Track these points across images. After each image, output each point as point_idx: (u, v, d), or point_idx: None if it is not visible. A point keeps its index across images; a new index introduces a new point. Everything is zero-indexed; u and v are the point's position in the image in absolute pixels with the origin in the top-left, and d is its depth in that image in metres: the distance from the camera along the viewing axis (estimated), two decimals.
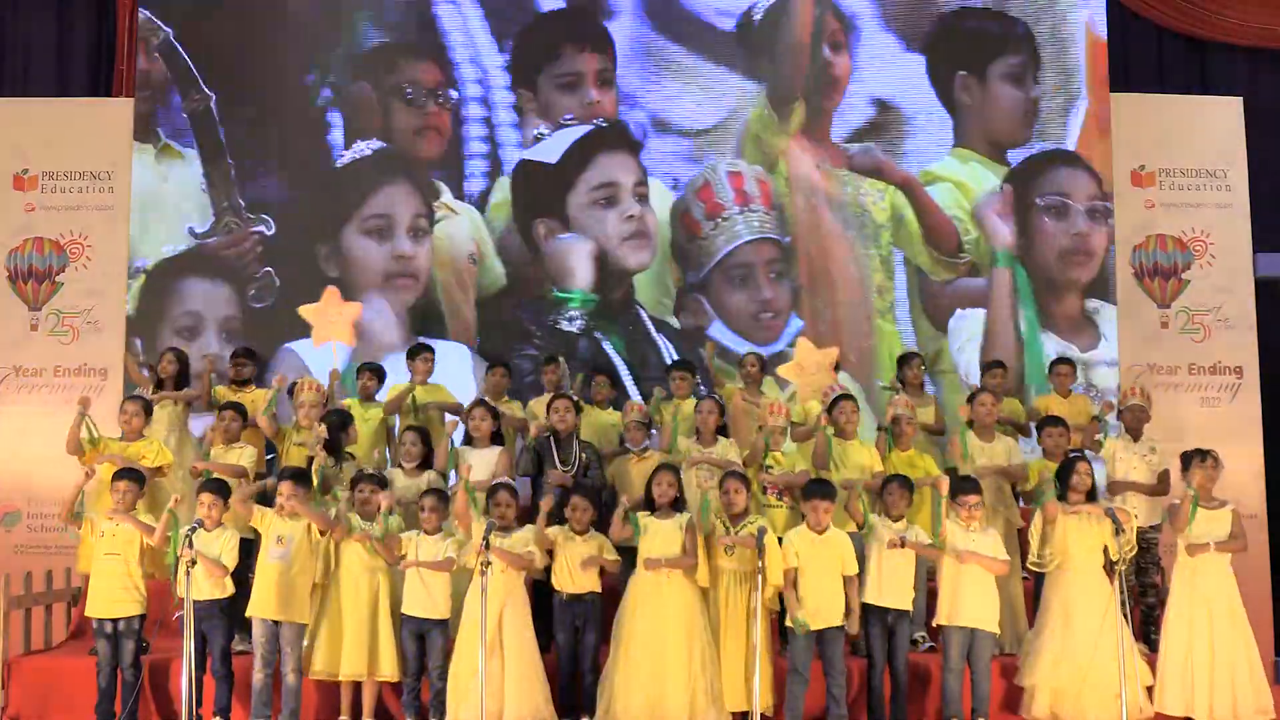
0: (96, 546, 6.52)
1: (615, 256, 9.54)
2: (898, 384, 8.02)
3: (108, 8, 9.94)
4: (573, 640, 6.47)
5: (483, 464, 7.01)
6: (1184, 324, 9.54)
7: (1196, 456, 6.68)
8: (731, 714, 6.33)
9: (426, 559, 6.39)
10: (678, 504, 6.53)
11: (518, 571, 6.39)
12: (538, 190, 9.58)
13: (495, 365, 8.21)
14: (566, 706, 6.44)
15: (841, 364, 7.97)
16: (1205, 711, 6.40)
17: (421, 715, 6.43)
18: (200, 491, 6.49)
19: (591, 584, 6.49)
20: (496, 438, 7.24)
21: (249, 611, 6.38)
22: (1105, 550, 6.48)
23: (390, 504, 6.49)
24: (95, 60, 9.99)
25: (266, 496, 6.74)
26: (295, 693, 6.33)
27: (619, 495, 6.88)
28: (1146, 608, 7.30)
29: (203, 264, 9.46)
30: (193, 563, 6.07)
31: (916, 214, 9.70)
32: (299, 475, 6.54)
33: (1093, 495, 6.68)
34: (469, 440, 7.20)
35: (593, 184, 9.58)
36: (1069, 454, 6.94)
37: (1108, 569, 6.47)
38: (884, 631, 6.45)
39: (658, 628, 6.31)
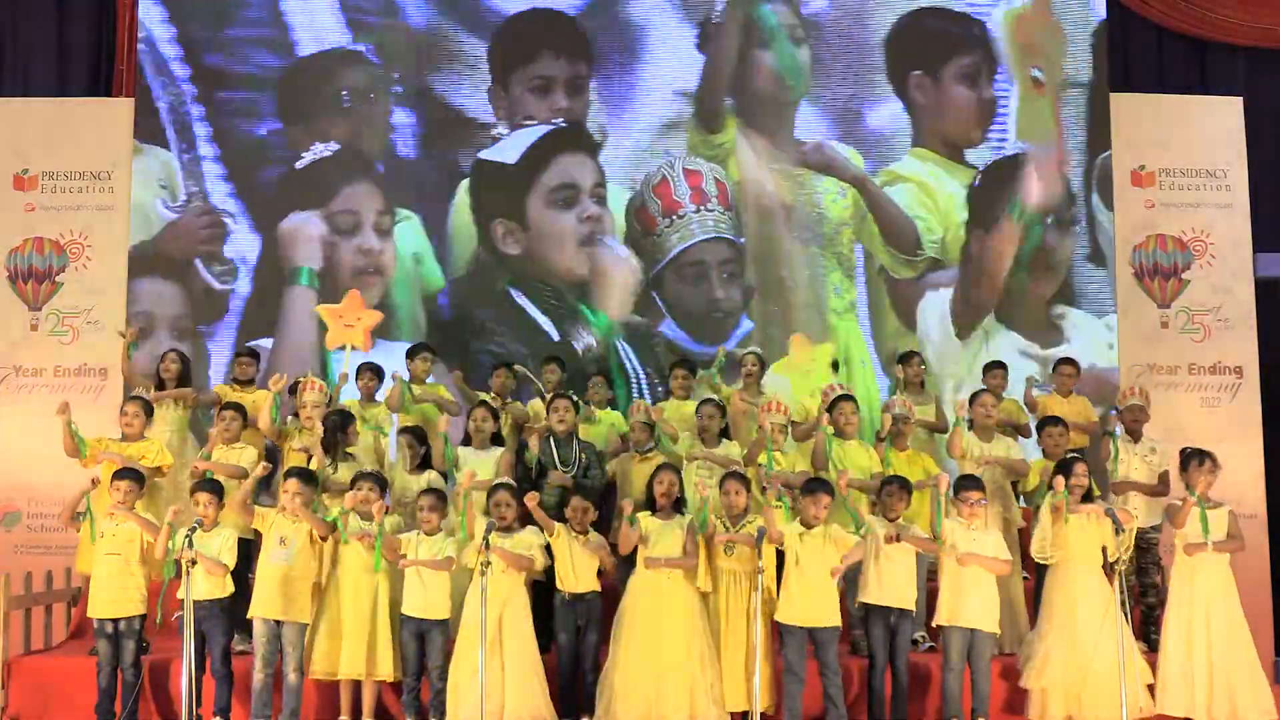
0: (97, 546, 6.52)
1: (573, 258, 9.53)
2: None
3: (108, 8, 9.94)
4: (574, 640, 6.48)
5: (483, 465, 7.02)
6: (1184, 324, 9.55)
7: (1195, 458, 6.68)
8: (731, 714, 6.33)
9: (426, 559, 6.39)
10: (679, 505, 6.54)
11: (518, 572, 6.40)
12: (496, 190, 9.58)
13: (499, 366, 8.22)
14: (567, 706, 6.45)
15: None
16: (1204, 712, 6.40)
17: (421, 715, 6.43)
18: (196, 491, 6.49)
19: (592, 584, 6.50)
20: (497, 438, 7.25)
21: (251, 611, 6.38)
22: (1105, 550, 6.49)
23: (384, 508, 6.50)
24: (95, 60, 9.98)
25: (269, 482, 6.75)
26: (296, 692, 6.33)
27: (621, 495, 6.89)
28: (1146, 607, 7.30)
29: (155, 263, 9.44)
30: (192, 563, 6.09)
31: (872, 211, 9.69)
32: (305, 474, 6.54)
33: (1090, 495, 6.68)
34: (468, 440, 7.20)
35: (551, 185, 9.58)
36: (1069, 454, 6.94)
37: (1107, 569, 6.47)
38: (886, 632, 6.45)
39: (657, 628, 6.31)
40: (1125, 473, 7.34)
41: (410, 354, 8.13)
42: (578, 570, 6.47)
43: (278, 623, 6.33)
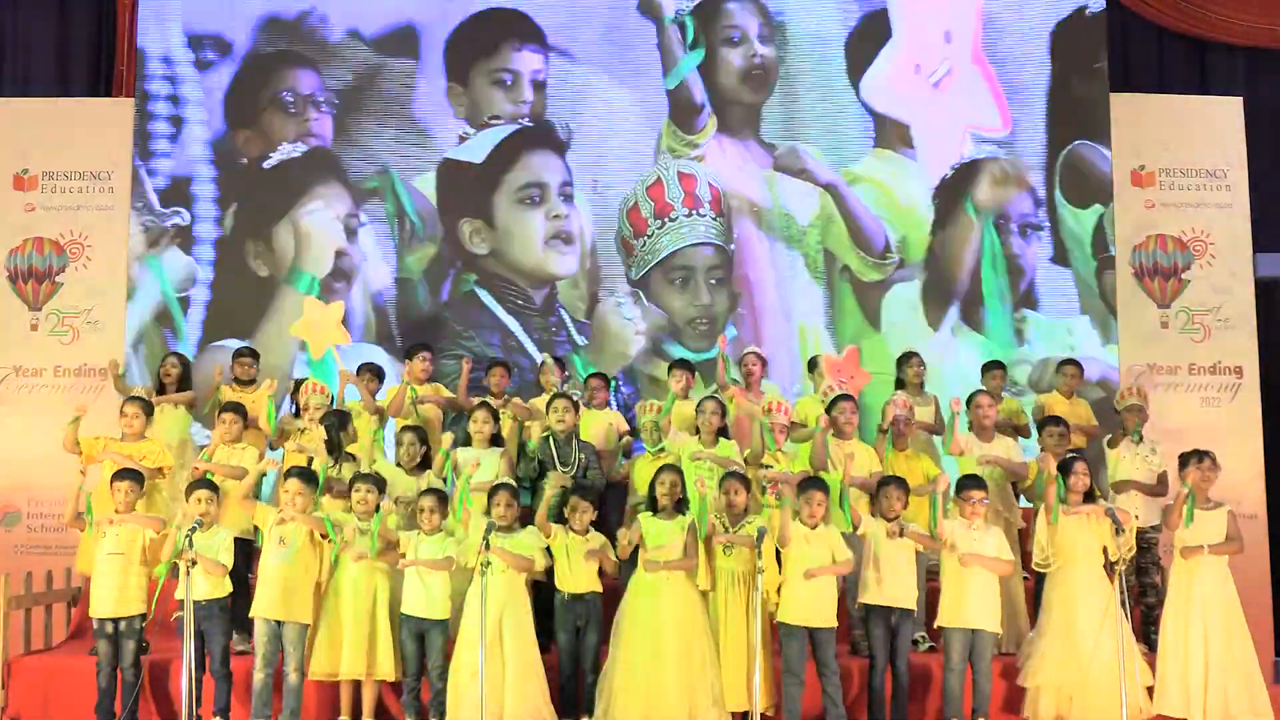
0: (99, 546, 6.52)
1: (540, 257, 9.54)
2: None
3: (108, 8, 9.94)
4: (574, 640, 6.48)
5: (483, 466, 7.01)
6: (1184, 324, 9.54)
7: (1194, 457, 6.68)
8: (731, 714, 6.33)
9: (425, 559, 6.39)
10: (680, 505, 6.54)
11: (518, 572, 6.40)
12: (463, 190, 9.58)
13: (495, 365, 8.21)
14: (567, 706, 6.45)
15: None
16: (1201, 712, 6.39)
17: (421, 715, 6.43)
18: (194, 489, 6.49)
19: (593, 583, 6.50)
20: (496, 439, 7.24)
21: (252, 611, 6.39)
22: (1105, 550, 6.49)
23: (390, 508, 6.51)
24: (95, 60, 9.99)
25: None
26: (297, 692, 6.33)
27: (631, 495, 6.90)
28: (1146, 608, 7.31)
29: None
30: (192, 563, 6.09)
31: (843, 216, 9.68)
32: (306, 475, 6.55)
33: (1091, 495, 6.68)
34: (468, 441, 7.20)
35: (518, 184, 9.58)
36: (1068, 454, 6.94)
37: (1108, 569, 6.48)
38: (886, 632, 6.45)
39: (657, 628, 6.31)
40: (1126, 473, 7.35)
41: (409, 354, 8.11)
42: (576, 570, 6.47)
43: (279, 623, 6.33)
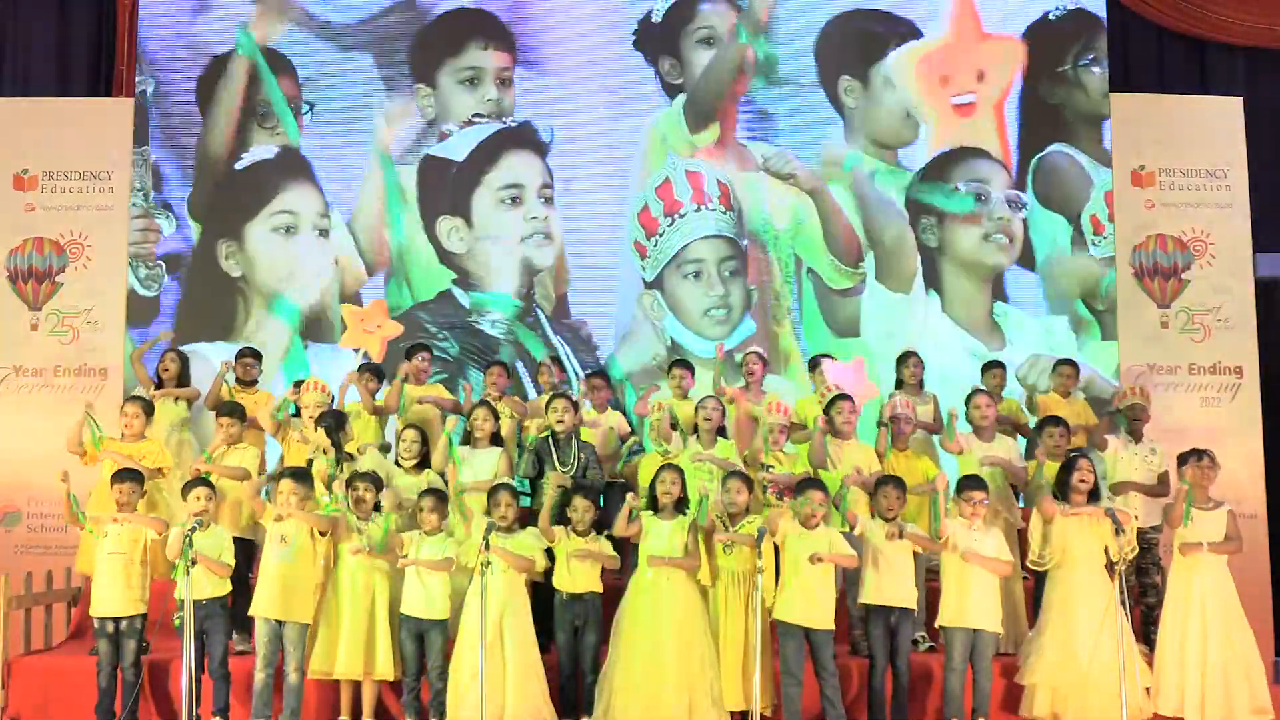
0: (100, 546, 6.52)
1: (521, 257, 9.53)
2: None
3: (108, 8, 9.94)
4: (573, 640, 6.48)
5: (483, 465, 7.03)
6: (1184, 324, 9.53)
7: (1193, 456, 6.69)
8: (730, 714, 6.34)
9: (426, 559, 6.39)
10: (680, 505, 6.54)
11: (518, 573, 6.40)
12: (443, 188, 9.57)
13: (493, 365, 8.21)
14: (566, 706, 6.45)
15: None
16: (1199, 712, 6.40)
17: (421, 715, 6.43)
18: (194, 487, 6.49)
19: (592, 584, 6.50)
20: (496, 439, 7.25)
21: (252, 611, 6.39)
22: (1106, 550, 6.49)
23: (390, 505, 6.51)
24: (95, 60, 9.99)
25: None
26: (297, 692, 6.34)
27: (635, 492, 6.91)
28: (1146, 607, 7.30)
29: None
30: (193, 563, 6.09)
31: (822, 221, 9.67)
32: (299, 474, 6.55)
33: (1095, 495, 6.68)
34: (468, 440, 7.20)
35: (499, 184, 9.57)
36: (1070, 454, 6.94)
37: (1108, 569, 6.48)
38: (886, 631, 6.45)
39: (657, 627, 6.32)
40: (1126, 473, 7.35)
41: (409, 354, 8.12)
42: (576, 570, 6.47)
43: (279, 622, 6.33)
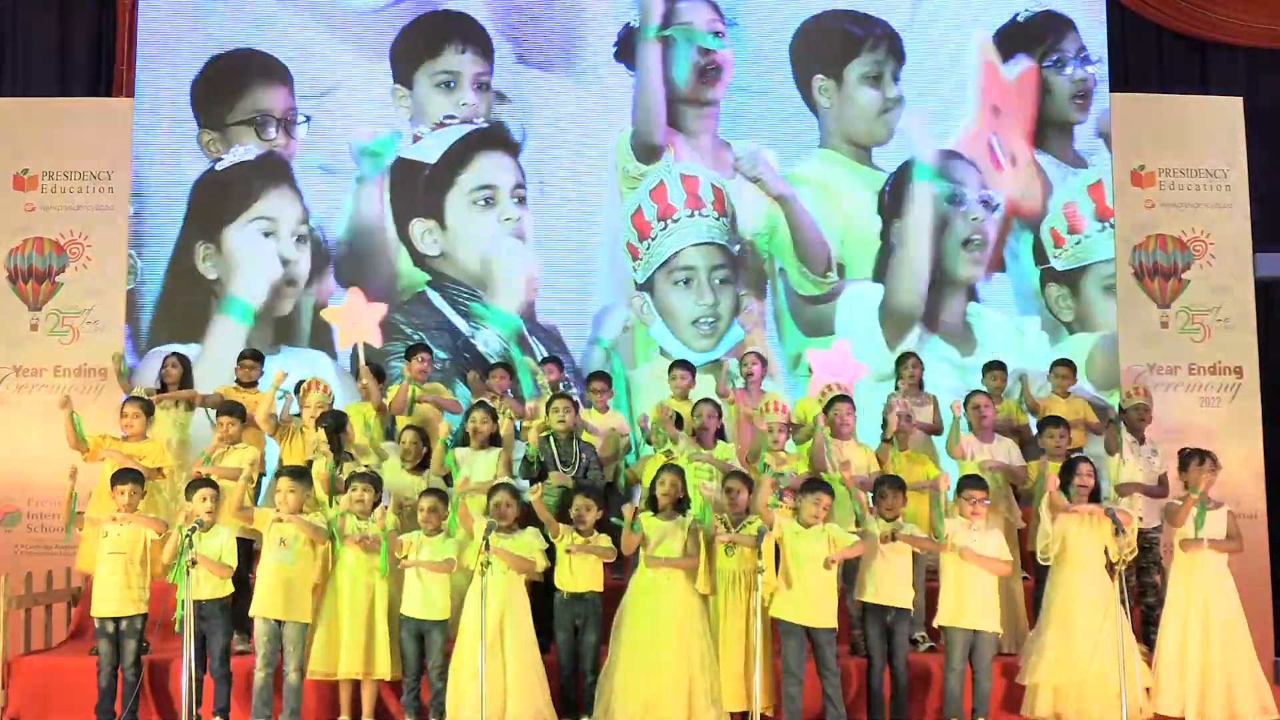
0: (100, 545, 6.53)
1: (492, 259, 9.52)
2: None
3: (108, 8, 9.94)
4: (572, 639, 6.48)
5: (482, 466, 7.02)
6: (1184, 324, 9.53)
7: (1195, 458, 6.69)
8: (731, 714, 6.34)
9: (426, 559, 6.40)
10: (680, 505, 6.54)
11: (518, 573, 6.40)
12: (416, 189, 9.55)
13: (495, 366, 8.21)
14: (566, 706, 6.45)
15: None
16: (1199, 712, 6.41)
17: (421, 715, 6.44)
18: (199, 488, 6.49)
19: (593, 583, 6.50)
20: (495, 439, 7.24)
21: (252, 611, 6.40)
22: (1106, 550, 6.50)
23: (385, 509, 6.51)
24: (95, 60, 9.99)
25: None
26: (296, 692, 6.34)
27: (642, 494, 6.91)
28: (1146, 607, 7.31)
29: None
30: (193, 563, 6.10)
31: (791, 230, 9.66)
32: (297, 473, 6.55)
33: (1095, 496, 6.69)
34: (466, 441, 7.20)
35: (472, 185, 9.56)
36: (1070, 454, 6.94)
37: (1109, 569, 6.48)
38: (882, 631, 6.46)
39: (657, 628, 6.32)
40: (1128, 474, 7.36)
41: (409, 355, 8.14)
42: (577, 570, 6.47)
43: (279, 622, 6.34)
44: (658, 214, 9.59)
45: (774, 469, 6.92)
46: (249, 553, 6.90)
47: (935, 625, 6.61)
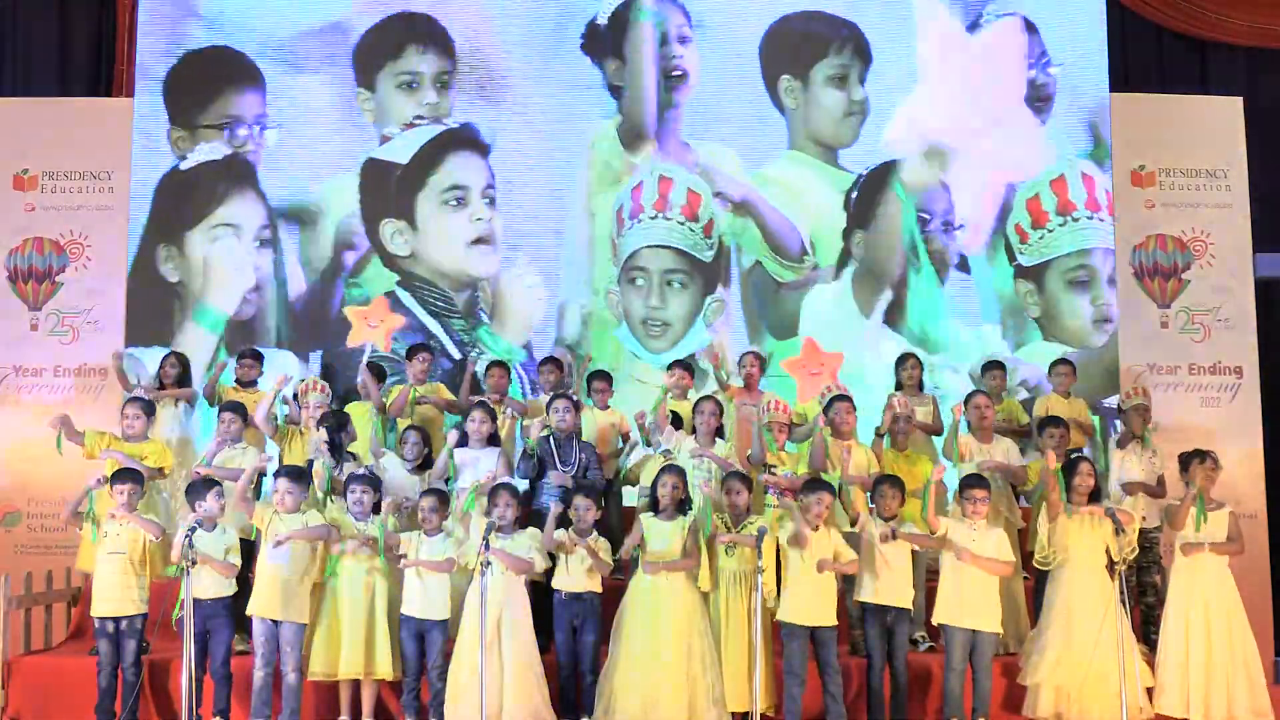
0: (100, 545, 6.53)
1: (463, 260, 9.49)
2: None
3: (108, 8, 9.94)
4: (570, 639, 6.48)
5: (482, 466, 7.02)
6: (1184, 324, 9.53)
7: (1196, 457, 6.69)
8: (732, 714, 6.34)
9: (426, 559, 6.39)
10: (681, 506, 6.54)
11: (517, 574, 6.40)
12: (386, 191, 9.54)
13: (492, 365, 8.21)
14: (566, 706, 6.45)
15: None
16: (1201, 712, 6.41)
17: (421, 715, 6.44)
18: (206, 488, 6.49)
19: (591, 583, 6.49)
20: (494, 439, 7.25)
21: (249, 610, 6.40)
22: (1107, 550, 6.50)
23: (391, 508, 6.51)
24: (95, 60, 9.99)
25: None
26: (296, 692, 6.34)
27: (642, 493, 6.93)
28: (1146, 607, 7.31)
29: None
30: (194, 563, 6.10)
31: (759, 222, 9.62)
32: (297, 474, 6.56)
33: (1096, 496, 6.69)
34: (465, 441, 7.20)
35: (442, 186, 9.54)
36: (1071, 454, 6.94)
37: (1109, 569, 6.48)
38: (882, 631, 6.46)
39: (657, 628, 6.32)
40: (1128, 474, 7.36)
41: (410, 354, 8.15)
42: (575, 570, 6.47)
43: (275, 623, 6.34)
44: (631, 213, 9.57)
45: (769, 477, 6.92)
46: (249, 553, 6.90)
47: (934, 622, 6.60)
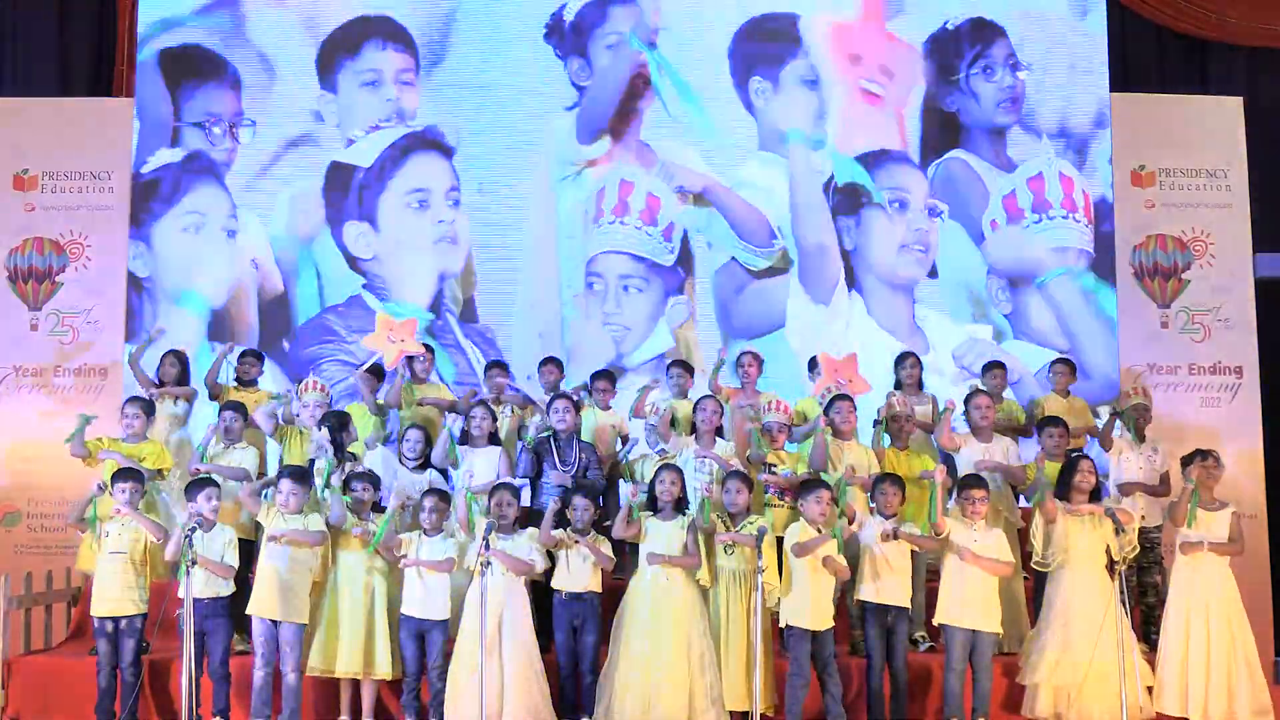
0: (101, 545, 6.52)
1: (426, 261, 9.50)
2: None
3: (108, 8, 9.95)
4: (570, 639, 6.48)
5: (482, 465, 7.03)
6: (1184, 324, 9.54)
7: (1198, 456, 6.70)
8: (731, 714, 6.34)
9: (427, 559, 6.40)
10: (680, 504, 6.54)
11: (517, 575, 6.40)
12: (349, 194, 9.54)
13: (491, 365, 8.20)
14: (566, 706, 6.45)
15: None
16: (1201, 712, 6.41)
17: (421, 715, 6.43)
18: (203, 488, 6.49)
19: (591, 583, 6.50)
20: (494, 439, 7.25)
21: (248, 610, 6.40)
22: (1107, 550, 6.50)
23: (395, 506, 6.52)
24: (95, 60, 10.00)
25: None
26: (296, 692, 6.34)
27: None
28: (1146, 607, 7.30)
29: None
30: (193, 563, 6.10)
31: (723, 211, 9.60)
32: (299, 474, 6.56)
33: (1096, 495, 6.69)
34: (466, 440, 7.20)
35: (405, 188, 9.55)
36: (1070, 454, 6.94)
37: (1110, 569, 6.48)
38: (882, 631, 6.46)
39: (657, 628, 6.32)
40: (1129, 473, 7.36)
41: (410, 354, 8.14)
42: (575, 570, 6.47)
43: (275, 623, 6.34)
44: (593, 217, 9.57)
45: (768, 477, 6.93)
46: (250, 552, 6.90)
47: (934, 623, 6.60)
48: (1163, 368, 9.44)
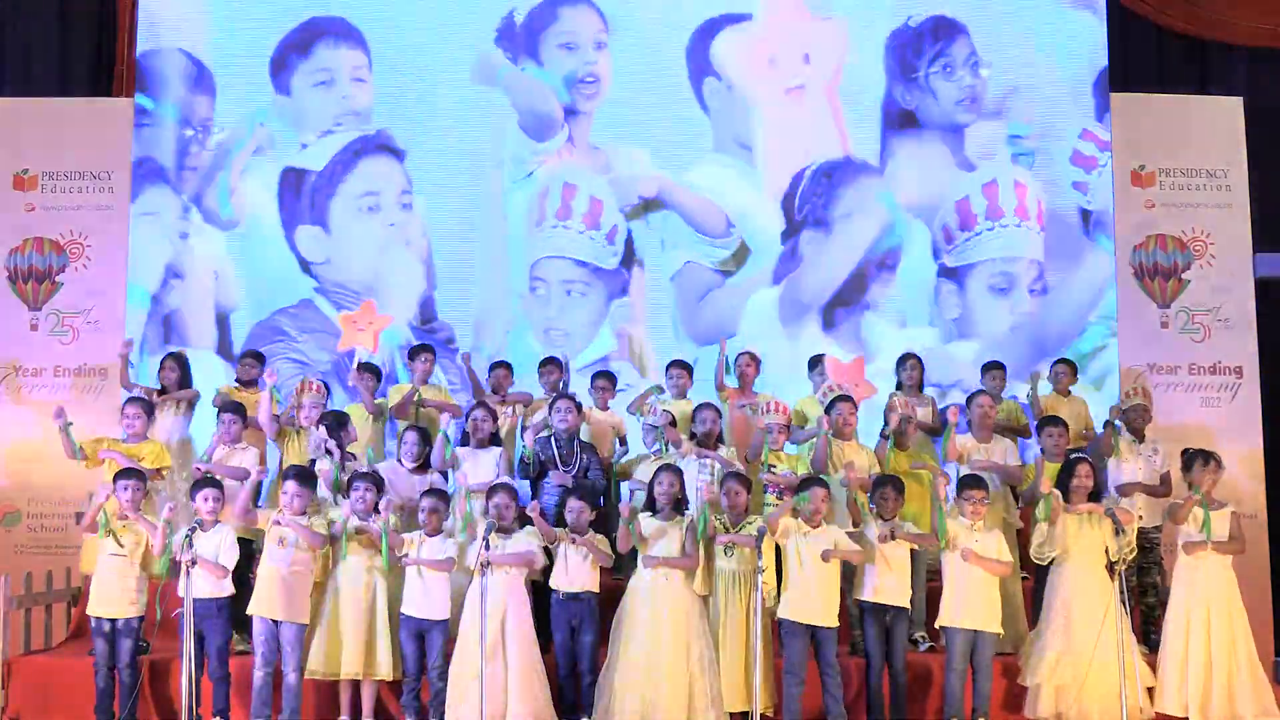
0: (102, 545, 6.52)
1: (378, 264, 9.47)
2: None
3: (108, 7, 9.94)
4: (569, 639, 6.48)
5: (482, 465, 7.03)
6: (1184, 324, 9.53)
7: (1199, 458, 6.69)
8: (731, 714, 6.34)
9: (427, 559, 6.39)
10: (679, 505, 6.54)
11: (519, 571, 6.40)
12: (301, 197, 9.53)
13: (496, 365, 8.21)
14: (564, 706, 6.45)
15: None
16: (1202, 712, 6.41)
17: (421, 715, 6.44)
18: (200, 488, 6.50)
19: (589, 583, 6.50)
20: (495, 438, 7.25)
21: (250, 610, 6.40)
22: (1106, 550, 6.50)
23: (392, 508, 6.51)
24: (95, 60, 9.99)
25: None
26: (296, 692, 6.34)
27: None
28: (1146, 608, 7.31)
29: None
30: (192, 563, 6.10)
31: (676, 206, 9.56)
32: (303, 475, 6.56)
33: (1095, 496, 6.69)
34: (466, 440, 7.20)
35: (356, 192, 9.53)
36: (1070, 454, 6.94)
37: (1109, 569, 6.48)
38: (881, 631, 6.46)
39: (656, 628, 6.32)
40: (1129, 473, 7.35)
41: (411, 355, 8.15)
42: (573, 569, 6.47)
43: (276, 623, 6.34)
44: (539, 218, 9.54)
45: (769, 476, 6.92)
46: (250, 553, 6.90)
47: (937, 625, 6.61)
48: (1163, 368, 9.43)
